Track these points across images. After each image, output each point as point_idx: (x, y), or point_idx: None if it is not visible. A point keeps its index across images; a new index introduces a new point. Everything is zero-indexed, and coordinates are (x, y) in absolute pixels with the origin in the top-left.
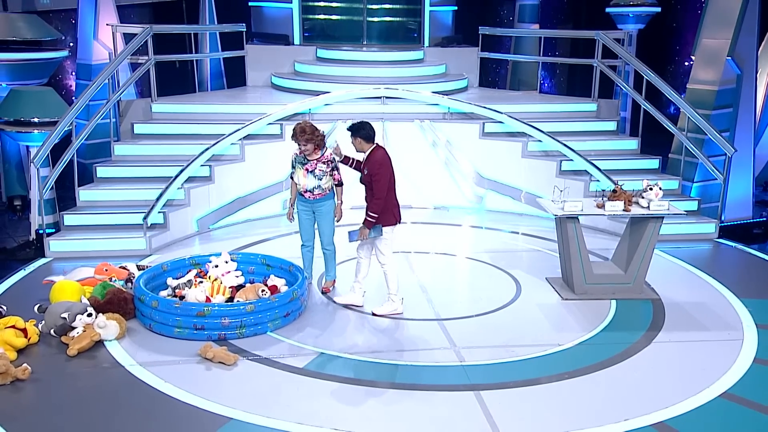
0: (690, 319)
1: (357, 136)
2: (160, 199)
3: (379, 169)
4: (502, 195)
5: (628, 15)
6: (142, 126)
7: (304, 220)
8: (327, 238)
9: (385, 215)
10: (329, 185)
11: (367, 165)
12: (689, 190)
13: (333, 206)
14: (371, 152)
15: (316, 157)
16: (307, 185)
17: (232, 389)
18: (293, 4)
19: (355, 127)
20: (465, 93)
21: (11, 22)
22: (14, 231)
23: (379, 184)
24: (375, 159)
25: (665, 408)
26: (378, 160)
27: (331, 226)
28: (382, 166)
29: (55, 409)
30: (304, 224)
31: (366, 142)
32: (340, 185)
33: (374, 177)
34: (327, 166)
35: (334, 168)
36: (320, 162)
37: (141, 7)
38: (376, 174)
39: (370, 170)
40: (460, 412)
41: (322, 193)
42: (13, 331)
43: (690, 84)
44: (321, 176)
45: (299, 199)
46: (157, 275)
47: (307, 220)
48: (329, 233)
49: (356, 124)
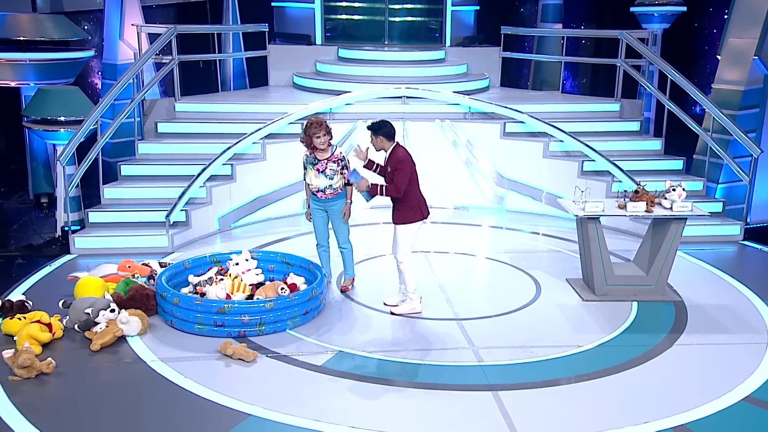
0: (713, 322)
1: (378, 134)
2: (183, 198)
3: (400, 163)
4: (523, 195)
5: (653, 14)
6: (166, 125)
7: (318, 220)
8: (342, 236)
9: (411, 212)
10: (340, 184)
11: (390, 162)
12: (714, 192)
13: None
14: (393, 150)
15: (326, 156)
16: (319, 185)
17: (251, 386)
18: (315, 4)
19: (376, 126)
20: (486, 93)
21: (39, 23)
22: (41, 228)
23: (400, 175)
24: (397, 156)
25: (686, 411)
26: (400, 157)
27: (345, 225)
28: (403, 161)
29: (78, 402)
30: (318, 224)
31: (387, 140)
32: (350, 184)
33: (396, 172)
34: (337, 165)
35: (344, 167)
36: (330, 161)
37: (165, 8)
38: (397, 169)
39: (393, 166)
40: (478, 412)
41: (333, 192)
42: (38, 326)
43: (715, 84)
44: (332, 175)
45: (312, 199)
46: (178, 272)
47: (321, 220)
48: (344, 232)
49: (377, 122)
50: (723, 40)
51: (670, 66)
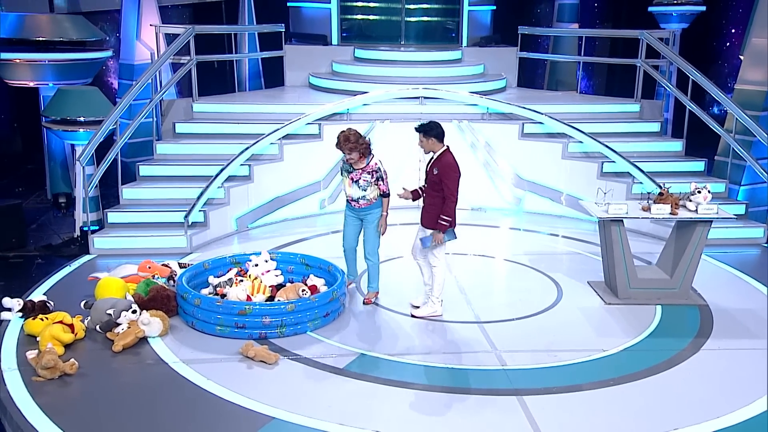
0: (739, 327)
1: (430, 136)
2: (201, 198)
3: (452, 172)
4: (541, 197)
5: (671, 14)
6: (184, 125)
7: (350, 226)
8: (370, 247)
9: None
10: (375, 195)
11: (438, 166)
12: (736, 194)
13: (379, 216)
14: (442, 153)
15: (362, 166)
16: (353, 195)
17: (273, 388)
18: (332, 5)
19: (426, 127)
20: (503, 93)
21: (58, 23)
22: (59, 228)
23: (452, 187)
24: (447, 161)
25: (715, 418)
26: (450, 163)
27: (375, 237)
28: (454, 167)
29: (101, 403)
30: (348, 229)
31: (438, 142)
32: (386, 196)
33: (445, 180)
34: (371, 176)
35: (379, 178)
36: (365, 172)
37: (181, 8)
38: (448, 177)
39: (441, 172)
40: (503, 418)
41: (367, 202)
42: (60, 327)
43: (738, 84)
44: (365, 186)
45: (347, 206)
46: (198, 273)
47: (353, 227)
48: (373, 243)
49: (427, 124)
50: (746, 39)
51: (692, 66)
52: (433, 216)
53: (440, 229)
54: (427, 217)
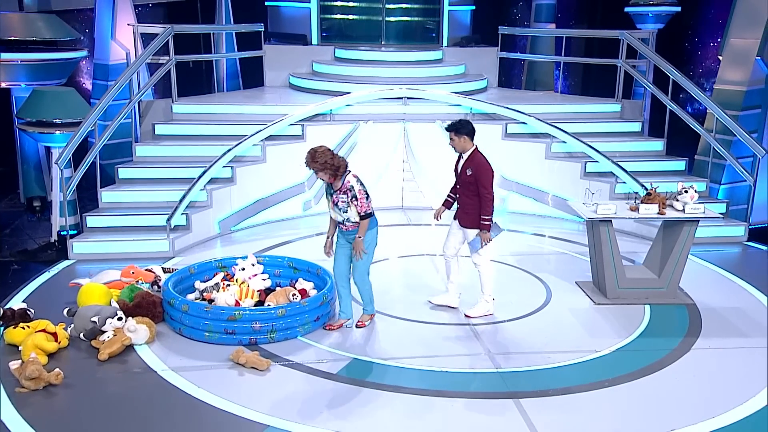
0: (728, 325)
1: (462, 134)
2: (183, 201)
3: (485, 171)
4: (525, 197)
5: (647, 14)
6: (163, 127)
7: (339, 248)
8: (358, 273)
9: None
10: (356, 217)
11: (471, 165)
12: (716, 193)
13: (371, 236)
14: (473, 153)
15: (338, 186)
16: (336, 218)
17: (266, 395)
18: (311, 4)
19: (458, 125)
20: (485, 93)
21: (30, 22)
22: (34, 232)
23: (487, 185)
24: (480, 161)
25: (712, 418)
26: (483, 162)
27: (363, 261)
28: (487, 168)
29: (89, 414)
30: (338, 252)
31: (470, 141)
32: (364, 217)
33: (481, 179)
34: (347, 196)
35: (353, 197)
36: (341, 193)
37: (155, 7)
38: (483, 176)
39: (474, 171)
40: (501, 421)
41: (353, 225)
42: (44, 335)
43: (717, 84)
44: (344, 208)
45: (338, 228)
46: (184, 278)
47: (342, 250)
48: (361, 268)
49: (458, 122)
50: (724, 40)
51: (672, 66)
52: (474, 217)
53: (485, 229)
54: (468, 219)
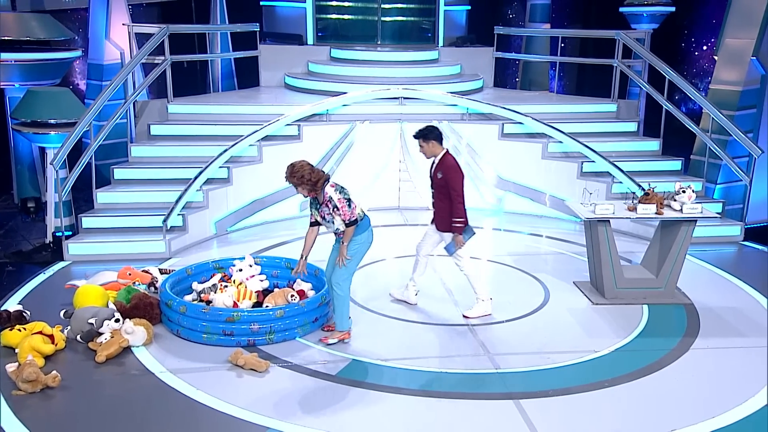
0: (726, 325)
1: (430, 139)
2: (180, 201)
3: (455, 174)
4: (521, 197)
5: (642, 15)
6: (159, 127)
7: (332, 256)
8: (337, 276)
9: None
10: (342, 225)
11: (441, 169)
12: (712, 192)
13: (358, 243)
14: (443, 156)
15: (321, 200)
16: (328, 228)
17: (266, 397)
18: (307, 4)
19: (425, 131)
20: (481, 93)
21: (24, 22)
22: (29, 233)
23: (457, 188)
24: (449, 163)
25: (712, 418)
26: (452, 165)
27: (346, 268)
28: (456, 170)
29: (87, 417)
30: (330, 259)
31: (439, 145)
32: (349, 225)
33: (451, 182)
34: (329, 208)
35: (334, 208)
36: (323, 205)
37: (148, 7)
38: (452, 179)
39: (445, 174)
40: (502, 422)
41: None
42: (40, 338)
43: (713, 84)
44: (330, 220)
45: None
46: (182, 279)
47: (335, 254)
48: (341, 273)
49: (424, 129)
50: (720, 40)
51: (668, 66)
52: (447, 220)
53: (456, 232)
54: (441, 222)
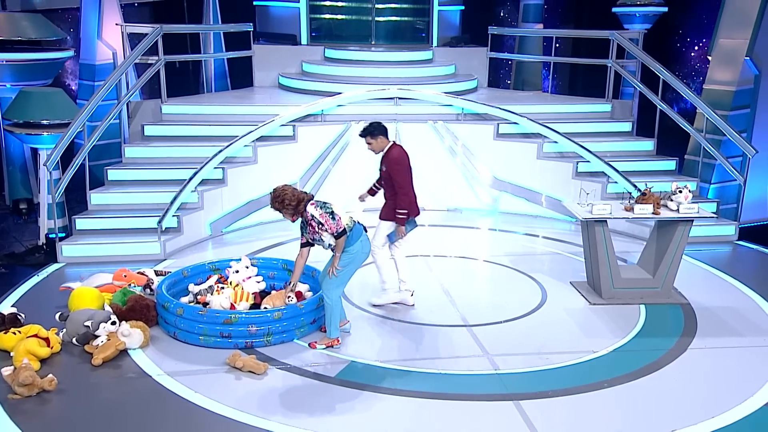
0: (723, 325)
1: (377, 136)
2: (175, 202)
3: (398, 166)
4: (517, 197)
5: (635, 15)
6: (153, 128)
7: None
8: (328, 283)
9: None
10: (332, 240)
11: (386, 162)
12: (706, 192)
13: (351, 254)
14: (388, 149)
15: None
16: (324, 248)
17: (265, 400)
18: (300, 4)
19: (371, 129)
20: (475, 93)
21: (15, 22)
22: (21, 235)
23: (401, 180)
24: (393, 156)
25: (711, 418)
26: (396, 157)
27: (337, 278)
28: (400, 162)
29: (85, 421)
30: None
31: (386, 139)
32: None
33: (394, 175)
34: (315, 228)
35: (318, 225)
36: (308, 225)
37: (140, 7)
38: (396, 170)
39: (389, 167)
40: (503, 424)
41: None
42: (36, 341)
43: (706, 84)
44: (318, 239)
45: None
46: (178, 281)
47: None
48: (331, 282)
49: (369, 126)
50: (713, 40)
51: (662, 66)
52: (392, 209)
53: (398, 223)
54: (386, 211)
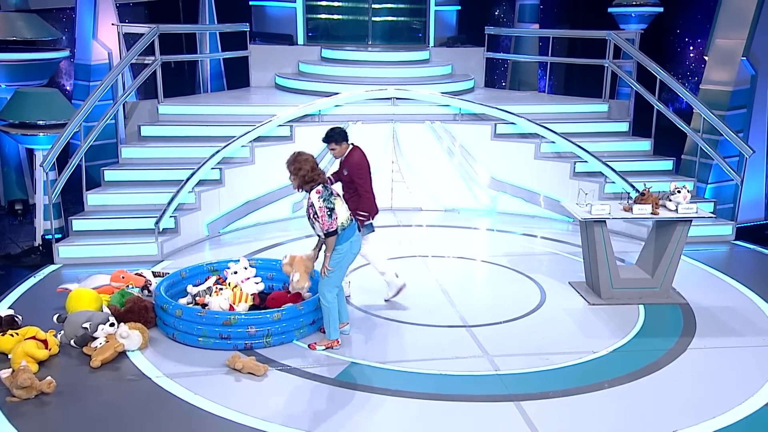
0: (722, 325)
1: (340, 142)
2: (172, 203)
3: (359, 169)
4: (514, 197)
5: (630, 15)
6: (149, 128)
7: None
8: (322, 284)
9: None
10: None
11: (347, 165)
12: (703, 192)
13: (340, 254)
14: (349, 153)
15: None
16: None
17: (265, 401)
18: (297, 4)
19: (333, 134)
20: (472, 93)
21: (10, 22)
22: (16, 236)
23: (362, 183)
24: (353, 161)
25: (713, 418)
26: (357, 161)
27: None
28: (361, 165)
29: (84, 423)
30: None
31: (346, 143)
32: (329, 234)
33: (356, 178)
34: (310, 212)
35: (314, 214)
36: (309, 207)
37: (135, 6)
38: (357, 174)
39: (350, 171)
40: (503, 424)
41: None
42: (34, 343)
43: (703, 84)
44: (312, 223)
45: None
46: (176, 282)
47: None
48: (326, 282)
49: (330, 132)
50: (710, 41)
51: (659, 67)
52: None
53: (359, 223)
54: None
